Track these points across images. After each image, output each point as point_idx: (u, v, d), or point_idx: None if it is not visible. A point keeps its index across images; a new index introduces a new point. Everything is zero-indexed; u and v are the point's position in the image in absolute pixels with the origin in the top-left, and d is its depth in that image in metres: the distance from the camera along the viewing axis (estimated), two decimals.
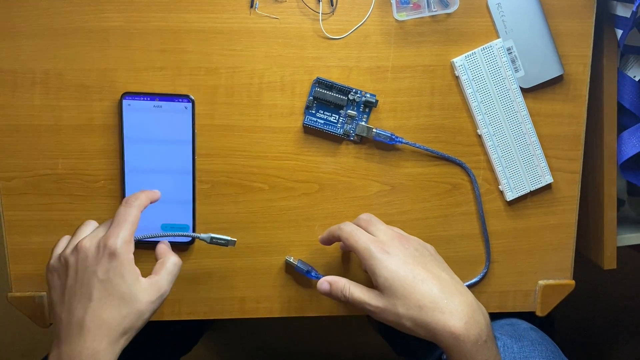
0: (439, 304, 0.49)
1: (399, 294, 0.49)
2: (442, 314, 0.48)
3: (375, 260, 0.51)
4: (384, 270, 0.50)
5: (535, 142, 0.61)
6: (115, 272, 0.48)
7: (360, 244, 0.52)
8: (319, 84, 0.58)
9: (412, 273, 0.50)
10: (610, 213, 0.63)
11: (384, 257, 0.51)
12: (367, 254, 0.52)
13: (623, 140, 0.63)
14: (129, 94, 0.57)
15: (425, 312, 0.48)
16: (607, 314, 1.17)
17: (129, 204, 0.51)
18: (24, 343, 1.12)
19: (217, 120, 0.59)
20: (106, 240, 0.48)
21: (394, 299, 0.50)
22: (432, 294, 0.49)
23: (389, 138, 0.59)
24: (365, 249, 0.52)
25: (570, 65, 0.60)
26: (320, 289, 0.55)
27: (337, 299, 0.54)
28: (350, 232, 0.54)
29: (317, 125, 0.59)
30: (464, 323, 0.48)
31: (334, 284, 0.54)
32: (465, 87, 0.59)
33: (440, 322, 0.48)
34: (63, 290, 0.49)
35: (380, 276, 0.50)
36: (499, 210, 0.62)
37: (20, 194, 0.59)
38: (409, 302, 0.49)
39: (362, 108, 0.59)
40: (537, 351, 0.59)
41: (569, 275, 0.64)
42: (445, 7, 0.57)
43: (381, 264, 0.51)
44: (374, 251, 0.51)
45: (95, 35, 0.57)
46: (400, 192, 0.61)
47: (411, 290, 0.49)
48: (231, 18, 0.57)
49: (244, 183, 0.60)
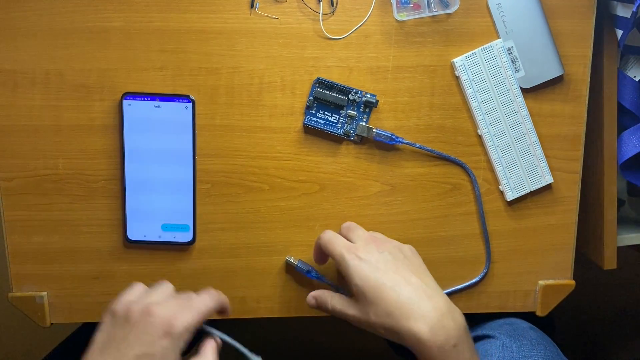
0: (405, 310, 0.48)
1: (370, 300, 0.50)
2: (407, 319, 0.48)
3: (348, 267, 0.51)
4: (356, 276, 0.51)
5: (536, 142, 0.61)
6: (161, 351, 0.45)
7: (336, 251, 0.53)
8: (319, 84, 0.58)
9: (382, 279, 0.50)
10: (611, 213, 0.63)
11: (356, 263, 0.51)
12: (341, 261, 0.52)
13: (623, 140, 0.63)
14: (129, 94, 0.57)
15: (392, 318, 0.48)
16: (607, 314, 1.17)
17: (212, 296, 0.51)
18: (25, 343, 1.12)
19: (217, 120, 0.59)
20: (173, 319, 0.46)
21: (366, 306, 0.50)
22: (400, 300, 0.49)
23: (389, 138, 0.59)
24: (340, 255, 0.52)
25: (571, 66, 0.60)
26: (309, 304, 0.57)
27: (325, 312, 0.55)
28: (328, 240, 0.55)
29: (318, 125, 0.59)
30: (429, 328, 0.47)
31: (318, 298, 0.56)
32: (466, 87, 0.59)
33: (405, 328, 0.48)
34: (110, 338, 0.47)
35: (353, 284, 0.51)
36: (499, 211, 0.62)
37: (21, 194, 0.59)
38: (378, 309, 0.49)
39: (362, 108, 0.59)
40: (536, 351, 0.59)
41: (569, 275, 0.64)
42: (445, 8, 0.57)
43: (354, 270, 0.51)
44: (347, 258, 0.52)
45: (96, 36, 0.57)
46: (401, 192, 0.61)
47: (381, 297, 0.49)
48: (231, 18, 0.57)
49: (245, 183, 0.60)
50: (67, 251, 0.60)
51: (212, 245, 0.61)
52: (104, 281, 0.61)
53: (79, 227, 0.60)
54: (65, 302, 0.61)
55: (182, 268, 0.61)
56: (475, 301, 0.64)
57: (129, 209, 0.59)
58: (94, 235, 0.60)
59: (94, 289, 0.61)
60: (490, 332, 0.62)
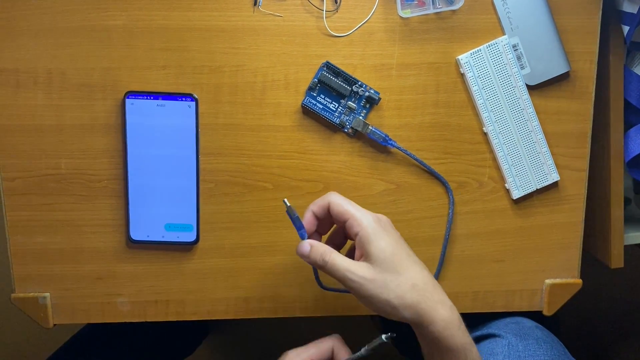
0: (429, 286, 0.47)
1: (392, 268, 0.47)
2: (432, 295, 0.47)
3: (373, 230, 0.48)
4: (381, 241, 0.47)
5: (542, 139, 0.60)
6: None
7: (359, 212, 0.49)
8: (327, 68, 0.58)
9: (404, 252, 0.48)
10: (617, 211, 0.63)
11: (381, 229, 0.48)
12: (365, 222, 0.48)
13: (630, 137, 0.62)
14: (132, 93, 0.57)
15: (417, 291, 0.47)
16: (614, 312, 1.16)
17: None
18: (27, 344, 1.12)
19: (220, 119, 0.58)
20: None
21: (386, 273, 0.47)
22: (424, 276, 0.48)
23: (382, 139, 0.58)
24: (365, 217, 0.48)
25: (577, 62, 0.59)
26: (299, 250, 0.50)
27: (315, 263, 0.49)
28: (345, 199, 0.50)
29: (315, 108, 0.58)
30: (449, 307, 0.47)
31: (315, 246, 0.50)
32: (471, 85, 0.59)
33: (429, 303, 0.47)
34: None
35: (376, 247, 0.47)
36: (505, 209, 0.62)
37: (23, 194, 0.59)
38: (401, 279, 0.47)
39: (363, 103, 0.59)
40: (542, 350, 0.59)
41: (576, 274, 0.64)
42: (450, 4, 0.57)
43: (379, 234, 0.48)
44: (374, 221, 0.48)
45: (98, 34, 0.57)
46: (406, 191, 0.61)
47: (406, 268, 0.47)
48: (234, 16, 0.57)
49: (248, 182, 0.60)
50: (70, 251, 0.60)
51: (216, 245, 0.61)
52: (107, 281, 0.61)
53: (81, 227, 0.60)
54: (68, 303, 0.61)
55: (185, 268, 0.61)
56: (481, 301, 0.64)
57: (132, 208, 0.59)
58: (97, 235, 0.60)
59: (97, 290, 0.61)
60: (496, 331, 0.62)
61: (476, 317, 0.66)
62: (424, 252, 0.62)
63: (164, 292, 0.61)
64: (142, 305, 0.62)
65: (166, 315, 0.62)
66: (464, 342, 0.47)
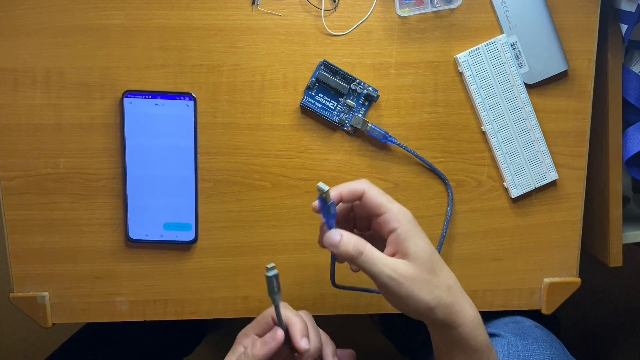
0: (459, 287, 0.48)
1: (431, 269, 0.46)
2: (462, 296, 0.48)
3: (412, 227, 0.46)
4: (420, 239, 0.46)
5: (540, 138, 0.60)
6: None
7: (396, 206, 0.47)
8: (324, 67, 0.58)
9: (436, 252, 0.48)
10: (616, 210, 0.63)
11: (418, 227, 0.47)
12: (405, 219, 0.46)
13: (628, 136, 0.62)
14: (130, 92, 0.57)
15: (452, 292, 0.47)
16: (613, 311, 1.16)
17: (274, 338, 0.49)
18: (26, 343, 1.12)
19: (219, 118, 0.58)
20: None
21: (426, 272, 0.46)
22: (453, 276, 0.48)
23: (382, 135, 0.58)
24: (403, 213, 0.47)
25: (575, 61, 0.59)
26: (328, 240, 0.46)
27: (346, 254, 0.46)
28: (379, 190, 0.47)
29: (314, 108, 0.58)
30: (473, 307, 0.48)
31: (345, 236, 0.46)
32: (469, 83, 0.59)
33: (461, 303, 0.47)
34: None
35: (417, 244, 0.46)
36: (504, 208, 0.62)
37: (22, 194, 0.59)
38: (439, 280, 0.46)
39: (362, 100, 0.59)
40: (541, 349, 0.59)
41: (574, 272, 0.64)
42: (448, 3, 0.57)
43: (418, 232, 0.47)
44: (411, 217, 0.47)
45: (96, 33, 0.56)
46: (404, 190, 0.61)
47: (441, 268, 0.47)
48: (233, 15, 0.57)
49: (247, 181, 0.60)
50: (69, 251, 0.60)
51: (215, 244, 0.61)
52: (106, 281, 0.61)
53: (80, 227, 0.60)
54: (67, 302, 0.61)
55: (184, 267, 0.61)
56: (479, 299, 0.64)
57: (130, 208, 0.59)
58: (96, 234, 0.60)
59: (96, 289, 0.61)
60: (496, 331, 0.62)
61: None
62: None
63: (163, 292, 0.61)
64: (141, 305, 0.62)
65: (165, 314, 0.62)
66: (488, 342, 0.48)
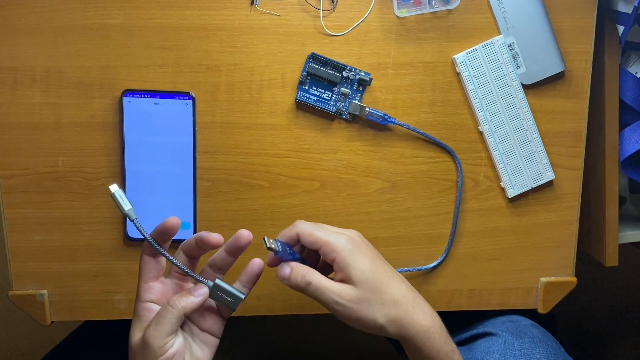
0: (409, 299, 0.48)
1: (375, 288, 0.47)
2: (413, 307, 0.48)
3: (350, 253, 0.48)
4: (360, 263, 0.48)
5: (537, 138, 0.61)
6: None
7: (331, 237, 0.48)
8: (313, 59, 0.58)
9: (382, 268, 0.49)
10: (612, 210, 0.63)
11: (356, 250, 0.48)
12: (341, 247, 0.48)
13: (624, 137, 0.63)
14: (129, 91, 0.57)
15: (399, 306, 0.48)
16: (609, 311, 1.16)
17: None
18: (25, 341, 1.12)
19: (217, 117, 0.59)
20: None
21: (370, 293, 0.47)
22: (402, 289, 0.49)
23: (381, 118, 0.59)
24: (339, 242, 0.48)
25: (572, 62, 0.60)
26: (279, 274, 0.49)
27: (296, 286, 0.48)
28: (313, 226, 0.49)
29: (310, 101, 0.58)
30: (429, 316, 0.48)
31: (295, 269, 0.48)
32: (467, 84, 0.59)
33: (410, 315, 0.48)
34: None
35: (356, 268, 0.47)
36: (501, 207, 0.62)
37: (21, 192, 0.59)
38: (384, 297, 0.48)
39: (355, 86, 0.59)
40: (538, 348, 0.59)
41: (570, 272, 0.64)
42: (446, 4, 0.57)
43: (356, 256, 0.48)
44: (348, 243, 0.48)
45: (96, 33, 0.57)
46: (402, 189, 0.61)
47: (386, 284, 0.48)
48: (231, 15, 0.57)
49: (245, 180, 0.60)
50: (68, 249, 0.60)
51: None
52: (105, 279, 0.61)
53: (79, 225, 0.60)
54: (66, 300, 0.61)
55: None
56: (476, 299, 0.64)
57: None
58: (95, 233, 0.60)
59: (95, 287, 0.61)
60: (492, 330, 0.62)
61: (472, 316, 0.66)
62: (421, 250, 0.62)
63: None
64: None
65: None
66: (446, 350, 0.48)
